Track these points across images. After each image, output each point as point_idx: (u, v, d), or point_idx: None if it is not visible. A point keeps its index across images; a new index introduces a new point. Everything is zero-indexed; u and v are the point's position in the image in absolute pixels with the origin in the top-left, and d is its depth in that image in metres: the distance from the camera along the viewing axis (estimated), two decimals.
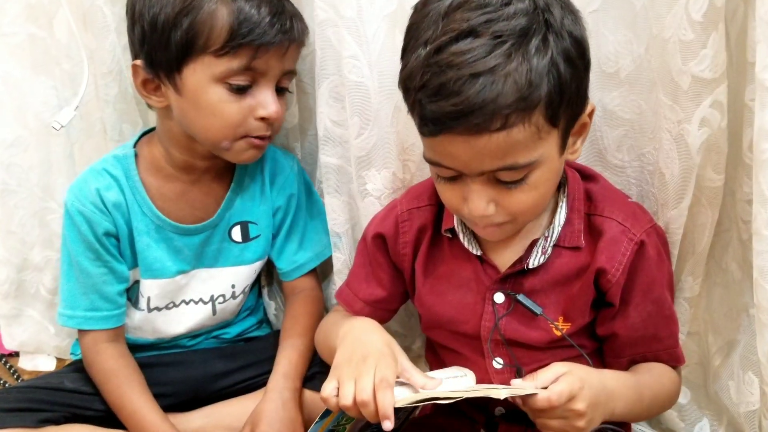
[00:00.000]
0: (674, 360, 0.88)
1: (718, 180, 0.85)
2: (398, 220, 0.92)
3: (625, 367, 0.87)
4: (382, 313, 0.97)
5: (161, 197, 1.04)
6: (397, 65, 0.94)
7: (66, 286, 1.04)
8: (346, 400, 0.73)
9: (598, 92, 0.90)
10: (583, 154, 0.80)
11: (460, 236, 0.86)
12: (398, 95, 0.95)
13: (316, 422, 0.79)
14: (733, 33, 0.80)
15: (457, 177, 0.75)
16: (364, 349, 0.79)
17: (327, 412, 0.78)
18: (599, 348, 0.89)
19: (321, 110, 1.02)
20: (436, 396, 0.71)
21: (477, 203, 0.75)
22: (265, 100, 0.96)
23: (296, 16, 0.98)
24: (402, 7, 0.93)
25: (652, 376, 0.85)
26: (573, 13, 0.73)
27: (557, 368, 0.72)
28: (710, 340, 0.97)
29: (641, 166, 0.92)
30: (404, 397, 0.73)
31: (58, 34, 1.12)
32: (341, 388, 0.75)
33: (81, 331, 1.04)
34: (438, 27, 0.70)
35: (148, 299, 1.07)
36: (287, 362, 1.05)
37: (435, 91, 0.69)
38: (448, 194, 0.78)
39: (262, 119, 0.96)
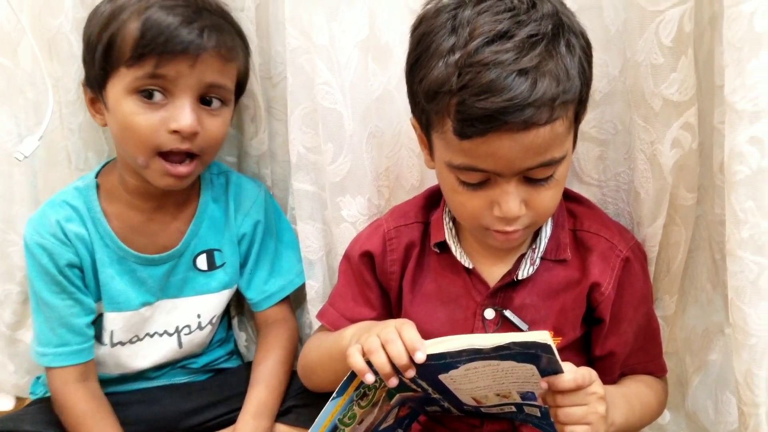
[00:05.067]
0: (660, 370, 0.90)
1: (690, 198, 0.87)
2: (386, 237, 0.91)
3: (616, 382, 0.88)
4: None
5: (123, 227, 1.01)
6: (369, 91, 0.95)
7: (36, 323, 1.01)
8: (372, 344, 0.72)
9: None
10: None
11: (453, 248, 0.86)
12: (372, 121, 0.97)
13: (329, 402, 0.76)
14: (701, 57, 0.82)
15: (484, 182, 0.75)
16: (380, 323, 0.80)
17: (340, 392, 0.76)
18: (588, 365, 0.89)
19: (293, 137, 1.02)
20: (465, 346, 0.68)
21: (512, 204, 0.75)
22: (179, 113, 0.92)
23: (216, 27, 0.93)
24: (374, 35, 0.93)
25: (639, 387, 0.86)
26: (573, 14, 0.76)
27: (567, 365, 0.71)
28: (687, 360, 0.98)
29: (617, 185, 0.93)
30: (433, 343, 0.71)
31: (23, 62, 1.10)
32: (365, 341, 0.74)
33: (49, 372, 1.00)
34: (464, 33, 0.70)
35: (111, 333, 1.03)
36: (256, 401, 1.02)
37: (483, 89, 0.68)
38: (472, 202, 0.77)
39: (175, 132, 0.92)
